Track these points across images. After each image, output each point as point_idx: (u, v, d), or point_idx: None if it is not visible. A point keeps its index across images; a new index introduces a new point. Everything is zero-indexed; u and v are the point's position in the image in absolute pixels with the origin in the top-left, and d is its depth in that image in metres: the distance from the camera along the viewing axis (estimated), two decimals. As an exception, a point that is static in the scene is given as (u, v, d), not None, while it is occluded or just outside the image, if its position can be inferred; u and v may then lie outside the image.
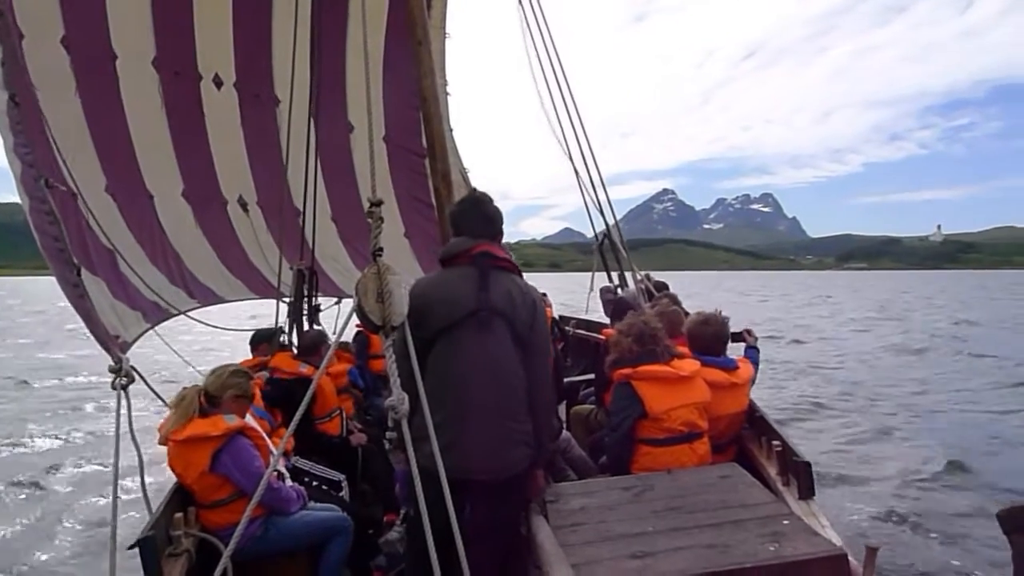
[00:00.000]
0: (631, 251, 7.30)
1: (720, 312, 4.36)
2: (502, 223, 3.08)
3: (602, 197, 6.80)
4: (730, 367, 4.15)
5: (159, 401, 4.27)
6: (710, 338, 4.20)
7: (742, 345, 4.84)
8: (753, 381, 4.49)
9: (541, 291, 6.73)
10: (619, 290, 7.08)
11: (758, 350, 4.80)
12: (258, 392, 4.60)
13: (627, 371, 3.80)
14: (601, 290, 7.12)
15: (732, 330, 4.68)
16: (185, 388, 3.79)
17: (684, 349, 4.10)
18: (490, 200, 3.11)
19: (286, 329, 6.26)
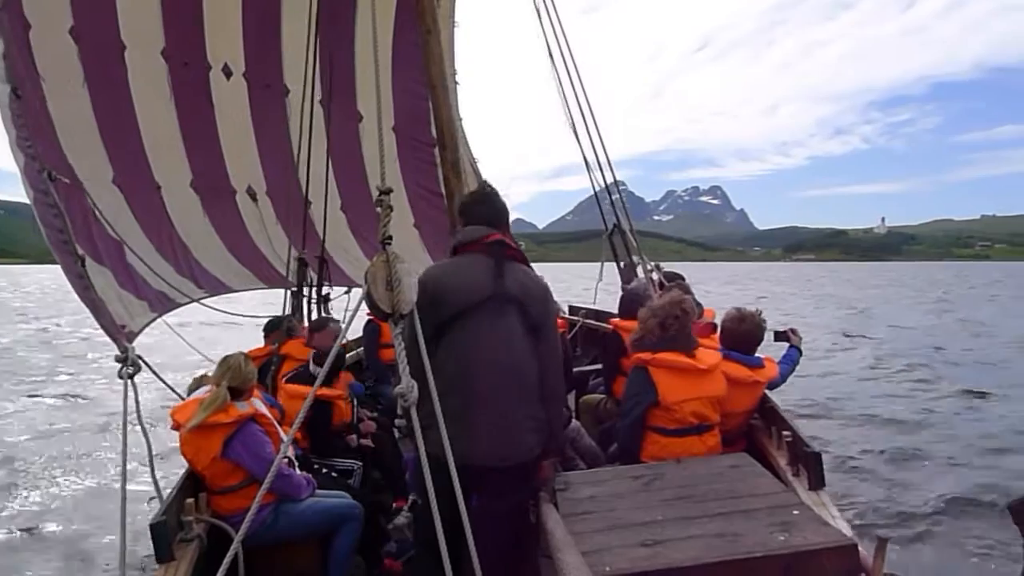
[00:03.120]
0: (582, 242, 7.35)
1: (759, 312, 4.34)
2: (509, 217, 3.13)
3: (609, 178, 6.81)
4: (755, 365, 4.13)
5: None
6: (742, 335, 4.19)
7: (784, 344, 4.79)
8: (784, 379, 4.47)
9: None
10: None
11: (800, 351, 4.74)
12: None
13: (645, 356, 3.78)
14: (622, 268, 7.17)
15: (776, 329, 4.66)
16: (198, 378, 3.80)
17: (703, 340, 4.08)
18: (499, 194, 3.15)
19: (296, 317, 6.27)
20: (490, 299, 2.81)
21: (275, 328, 6.07)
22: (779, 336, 4.73)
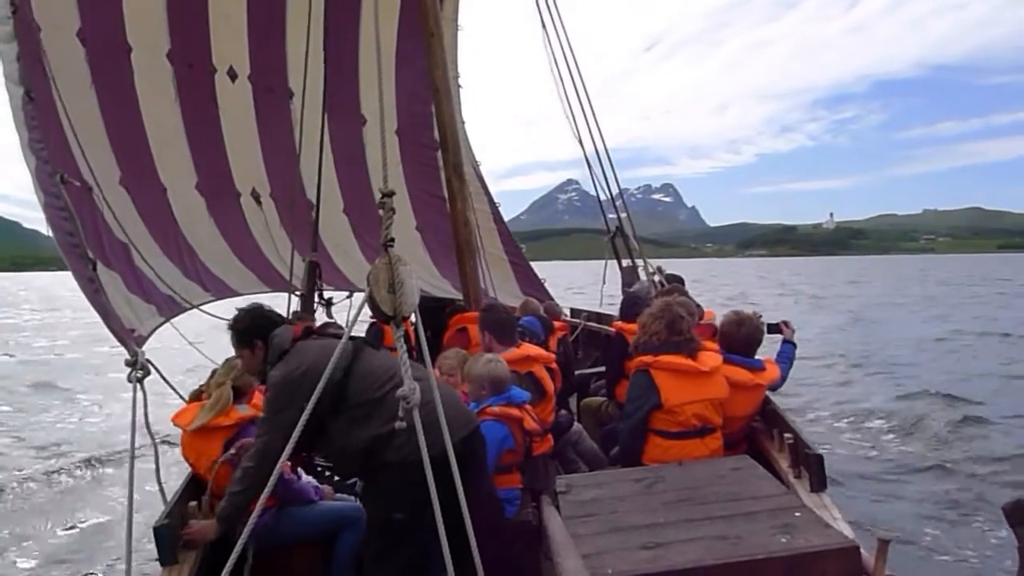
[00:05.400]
0: (537, 241, 7.38)
1: (756, 314, 4.32)
2: None
3: (612, 182, 6.86)
4: (756, 368, 4.11)
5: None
6: (742, 339, 4.18)
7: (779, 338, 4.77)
8: (785, 379, 4.44)
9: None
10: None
11: (795, 345, 4.71)
12: None
13: (648, 359, 3.78)
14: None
15: (769, 322, 4.64)
16: (204, 385, 3.81)
17: (705, 343, 4.07)
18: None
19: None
20: (364, 343, 3.03)
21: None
22: (772, 329, 4.67)
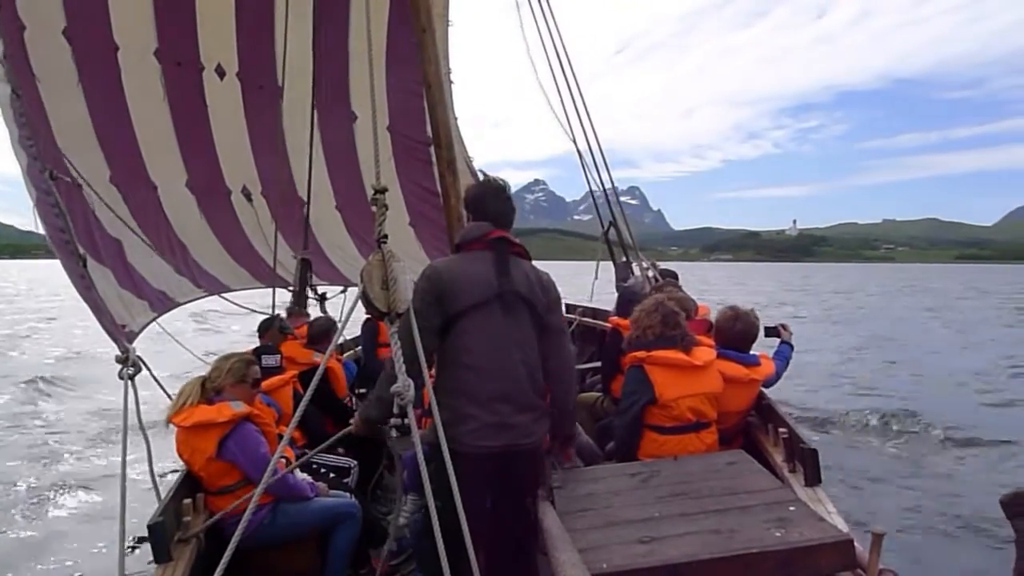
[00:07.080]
0: None
1: (752, 310, 4.33)
2: (514, 216, 3.11)
3: (606, 180, 6.85)
4: (751, 363, 4.12)
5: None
6: (737, 335, 4.19)
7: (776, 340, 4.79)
8: (780, 376, 4.45)
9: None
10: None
11: (792, 346, 4.73)
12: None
13: (641, 354, 3.79)
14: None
15: (767, 325, 4.66)
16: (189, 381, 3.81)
17: (700, 338, 4.07)
18: (508, 188, 3.15)
19: (284, 316, 6.23)
20: (498, 297, 2.81)
21: (269, 328, 6.04)
22: (769, 332, 4.70)
